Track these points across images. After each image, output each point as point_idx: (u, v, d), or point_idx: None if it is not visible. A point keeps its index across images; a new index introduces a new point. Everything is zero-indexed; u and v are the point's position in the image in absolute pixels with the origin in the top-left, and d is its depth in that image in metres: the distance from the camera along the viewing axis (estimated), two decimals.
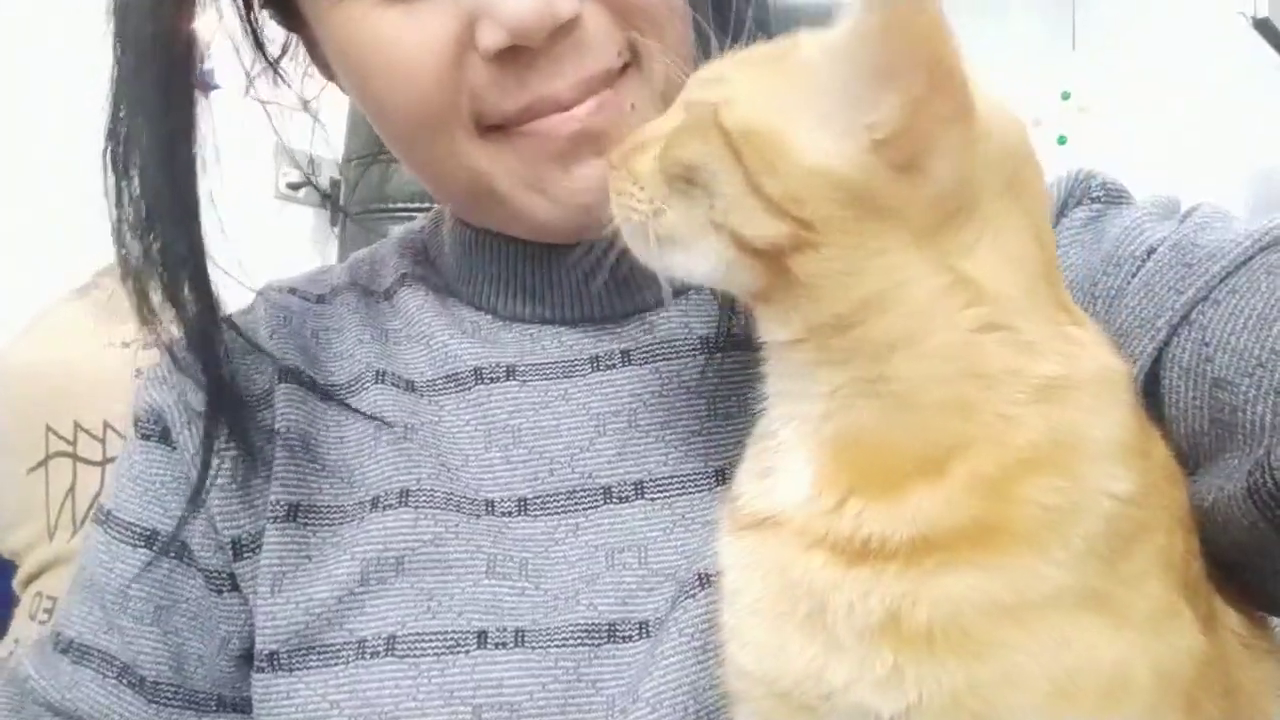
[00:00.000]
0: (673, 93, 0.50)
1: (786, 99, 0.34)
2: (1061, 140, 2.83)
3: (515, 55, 0.44)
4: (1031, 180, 0.36)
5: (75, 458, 1.26)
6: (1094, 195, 0.49)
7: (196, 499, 0.50)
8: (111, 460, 1.31)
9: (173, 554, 0.51)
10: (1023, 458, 0.32)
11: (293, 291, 0.59)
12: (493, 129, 0.47)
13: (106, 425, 1.25)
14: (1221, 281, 0.39)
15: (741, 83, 0.36)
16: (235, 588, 0.51)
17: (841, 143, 0.32)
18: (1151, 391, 0.40)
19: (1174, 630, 0.33)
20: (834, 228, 0.32)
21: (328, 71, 0.54)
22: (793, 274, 0.33)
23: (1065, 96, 3.10)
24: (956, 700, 0.30)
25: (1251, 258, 0.39)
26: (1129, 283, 0.42)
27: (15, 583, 1.24)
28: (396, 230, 0.64)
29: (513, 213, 0.50)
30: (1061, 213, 0.49)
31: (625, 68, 0.47)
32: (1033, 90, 2.86)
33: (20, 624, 1.20)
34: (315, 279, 0.61)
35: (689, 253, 0.36)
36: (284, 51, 0.57)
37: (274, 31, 0.56)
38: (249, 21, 0.55)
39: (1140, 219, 0.45)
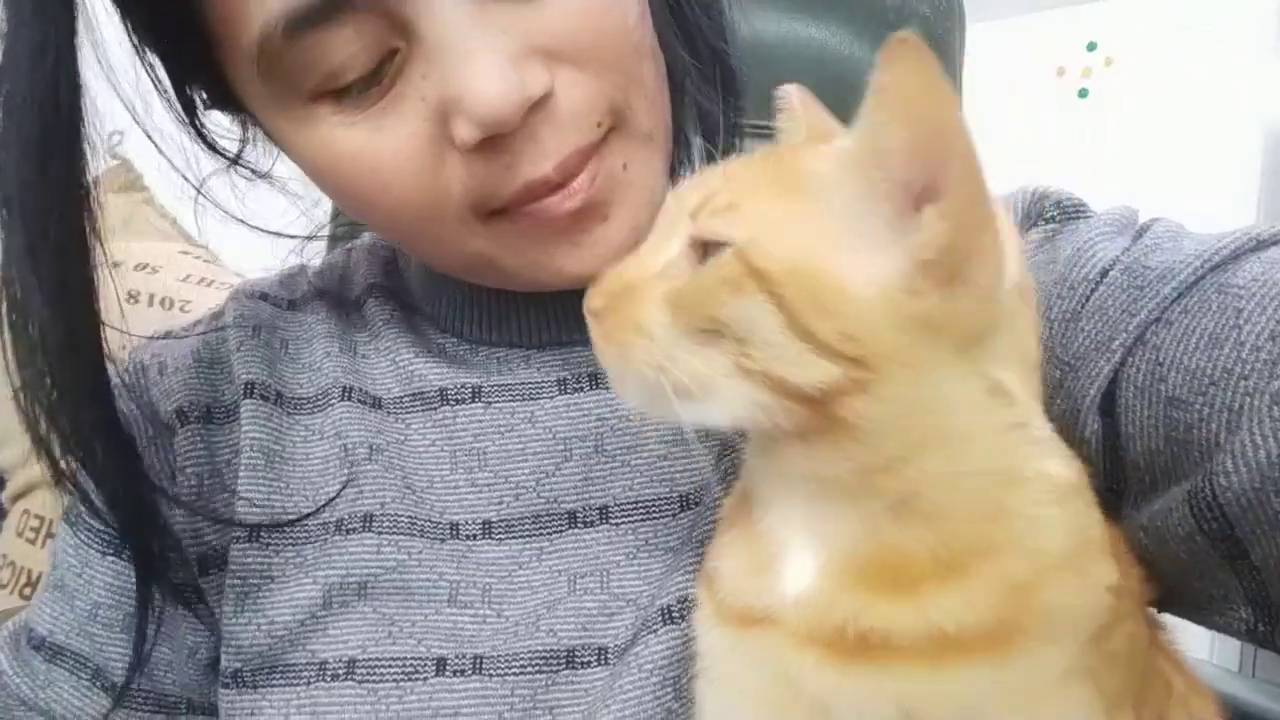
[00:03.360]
0: (658, 134, 0.48)
1: (818, 229, 0.32)
2: (1083, 94, 2.77)
3: (494, 142, 0.42)
4: (1029, 276, 0.36)
5: None
6: (1048, 216, 0.49)
7: (139, 648, 0.49)
8: None
9: (146, 580, 0.50)
10: (1050, 562, 0.33)
11: (264, 297, 0.57)
12: (493, 213, 0.45)
13: None
14: (1173, 302, 0.39)
15: (758, 215, 0.33)
16: (202, 600, 0.51)
17: (887, 269, 0.31)
18: (1108, 412, 0.40)
19: (1124, 713, 0.34)
20: (890, 361, 0.31)
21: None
22: (841, 417, 0.31)
23: (1091, 47, 3.01)
24: None
25: (1202, 278, 0.39)
26: (1083, 306, 0.42)
27: (4, 497, 1.25)
28: (367, 235, 0.63)
29: (521, 283, 0.49)
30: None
31: (608, 132, 0.45)
32: (1058, 39, 2.79)
33: (7, 539, 1.22)
34: (287, 281, 0.59)
35: (712, 402, 0.33)
36: (244, 143, 0.53)
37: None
38: (194, 128, 0.51)
39: (1093, 238, 0.44)
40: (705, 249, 0.34)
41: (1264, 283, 0.36)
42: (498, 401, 0.51)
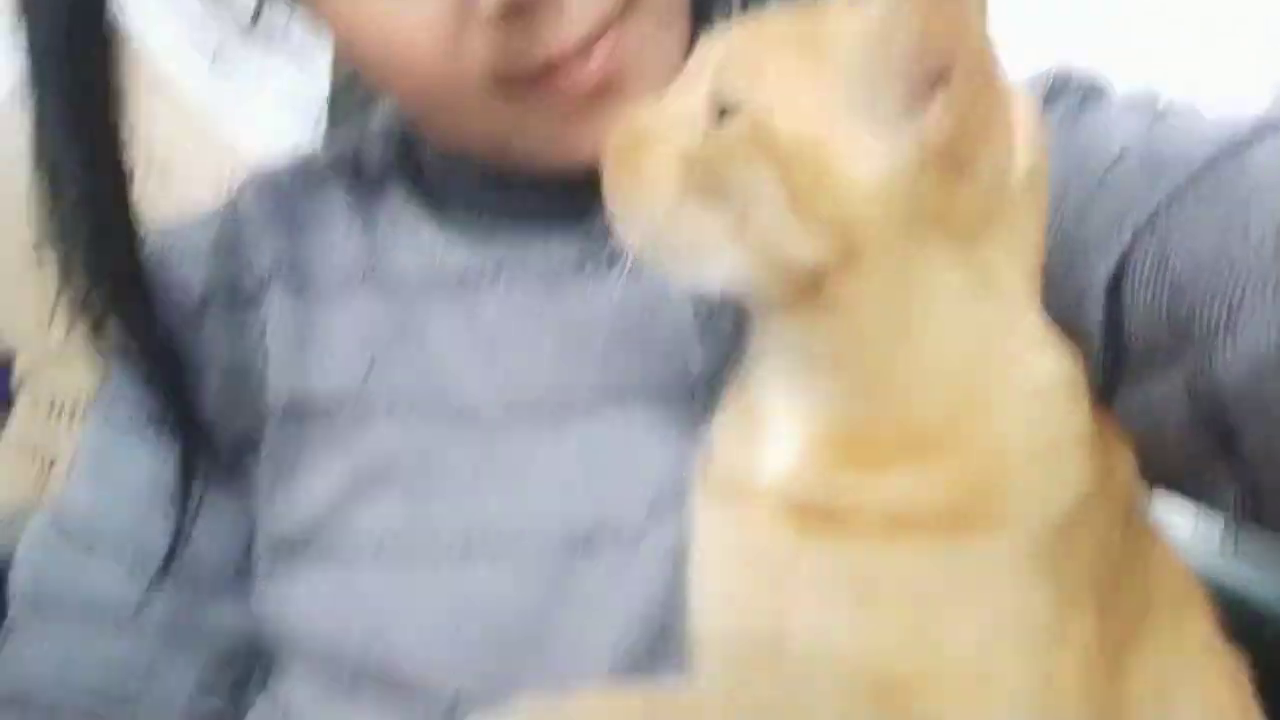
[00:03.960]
0: (677, 12, 0.47)
1: (829, 104, 0.31)
2: None
3: (519, 12, 0.41)
4: (1044, 164, 0.35)
5: None
6: (1069, 98, 0.48)
7: (181, 525, 0.51)
8: None
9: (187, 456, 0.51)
10: (1011, 453, 0.33)
11: (279, 181, 0.56)
12: (514, 87, 0.44)
13: None
14: (1187, 186, 0.38)
15: (778, 78, 0.32)
16: (237, 485, 0.52)
17: (892, 152, 0.30)
18: (1114, 296, 0.41)
19: (1079, 613, 0.35)
20: (883, 246, 0.31)
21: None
22: (827, 295, 0.32)
23: None
24: (906, 643, 0.32)
25: (1217, 162, 0.38)
26: (1098, 190, 0.42)
27: (14, 380, 1.27)
28: (377, 116, 0.62)
29: (537, 162, 0.48)
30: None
31: (626, 7, 0.44)
32: None
33: (21, 418, 1.25)
34: (301, 166, 0.58)
35: (703, 264, 0.34)
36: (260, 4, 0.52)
37: None
38: None
39: (1113, 121, 0.44)
40: (723, 107, 0.33)
41: (1277, 168, 0.35)
42: (518, 283, 0.51)
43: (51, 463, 1.20)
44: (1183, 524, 0.41)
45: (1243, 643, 0.40)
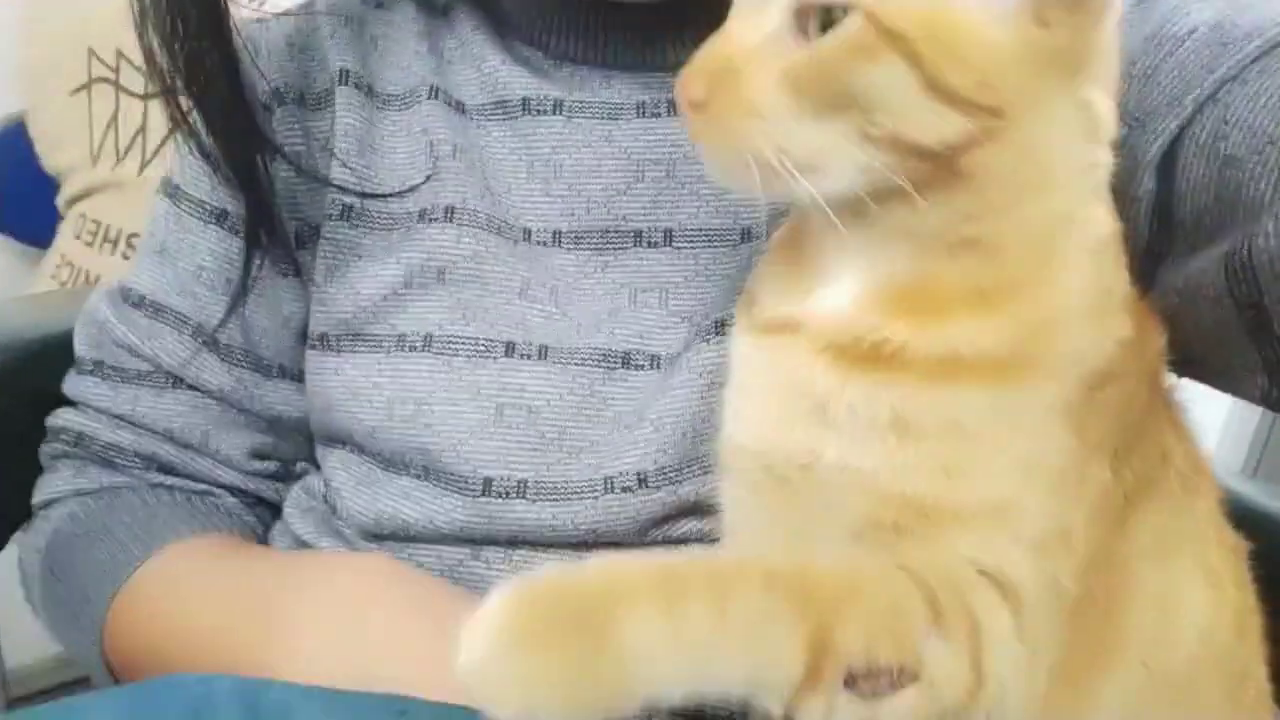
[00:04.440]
0: None
1: None
2: None
3: None
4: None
5: (118, 86, 1.27)
6: None
7: (239, 297, 0.53)
8: (154, 96, 1.31)
9: (243, 236, 0.54)
10: (1071, 304, 0.34)
11: None
12: None
13: None
14: (1254, 61, 0.39)
15: None
16: (298, 272, 0.55)
17: (1010, 2, 0.30)
18: (1166, 170, 0.41)
19: (1097, 468, 0.36)
20: (1021, 102, 0.30)
21: None
22: (961, 170, 0.31)
23: None
24: (936, 475, 0.34)
25: None
26: (1165, 61, 0.42)
27: (60, 201, 1.29)
28: None
29: None
30: None
31: None
32: None
33: (64, 240, 1.27)
34: None
35: (826, 173, 0.32)
36: None
37: None
38: None
39: (1186, 2, 0.44)
40: (816, 15, 0.31)
41: None
42: (577, 117, 0.52)
43: (93, 285, 1.23)
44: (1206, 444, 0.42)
45: (1258, 561, 0.41)
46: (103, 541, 0.52)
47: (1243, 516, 0.42)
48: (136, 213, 1.25)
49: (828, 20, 0.31)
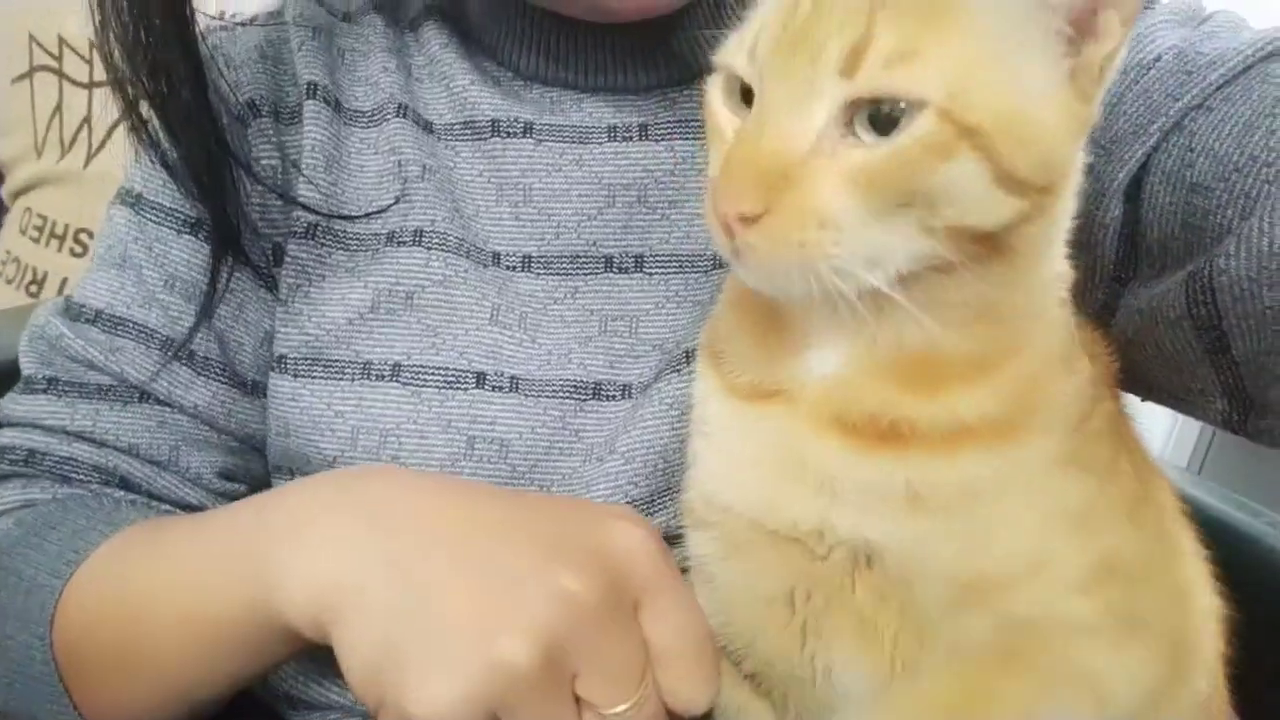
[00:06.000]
0: None
1: (993, 56, 0.30)
2: None
3: None
4: None
5: (61, 75, 1.22)
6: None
7: (207, 308, 0.51)
8: (99, 84, 1.27)
9: (222, 246, 0.51)
10: (1051, 356, 0.35)
11: (320, 2, 0.55)
12: None
13: (92, 44, 1.20)
14: (1218, 89, 0.39)
15: (942, 58, 0.29)
16: (274, 288, 0.52)
17: (1054, 81, 0.30)
18: (1133, 197, 0.42)
19: (1119, 473, 0.37)
20: (1065, 178, 0.32)
21: None
22: (1006, 246, 0.31)
23: None
24: (967, 548, 0.34)
25: (1251, 66, 0.39)
26: (1131, 89, 0.43)
27: (4, 193, 1.25)
28: None
29: (580, 5, 0.47)
30: None
31: None
32: None
33: (10, 235, 1.23)
34: None
35: (885, 267, 0.31)
36: None
37: None
38: None
39: (1154, 26, 0.44)
40: (864, 110, 0.29)
41: None
42: (548, 140, 0.51)
43: (40, 282, 1.19)
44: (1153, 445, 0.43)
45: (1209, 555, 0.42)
46: (55, 531, 0.47)
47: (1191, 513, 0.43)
48: (84, 207, 1.21)
49: (877, 114, 0.29)
